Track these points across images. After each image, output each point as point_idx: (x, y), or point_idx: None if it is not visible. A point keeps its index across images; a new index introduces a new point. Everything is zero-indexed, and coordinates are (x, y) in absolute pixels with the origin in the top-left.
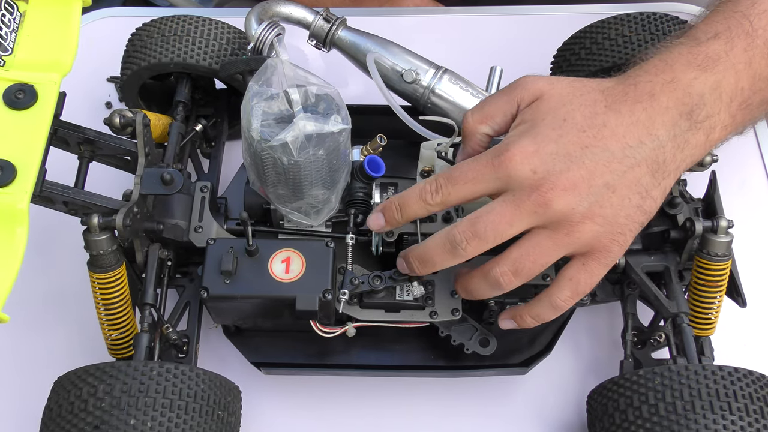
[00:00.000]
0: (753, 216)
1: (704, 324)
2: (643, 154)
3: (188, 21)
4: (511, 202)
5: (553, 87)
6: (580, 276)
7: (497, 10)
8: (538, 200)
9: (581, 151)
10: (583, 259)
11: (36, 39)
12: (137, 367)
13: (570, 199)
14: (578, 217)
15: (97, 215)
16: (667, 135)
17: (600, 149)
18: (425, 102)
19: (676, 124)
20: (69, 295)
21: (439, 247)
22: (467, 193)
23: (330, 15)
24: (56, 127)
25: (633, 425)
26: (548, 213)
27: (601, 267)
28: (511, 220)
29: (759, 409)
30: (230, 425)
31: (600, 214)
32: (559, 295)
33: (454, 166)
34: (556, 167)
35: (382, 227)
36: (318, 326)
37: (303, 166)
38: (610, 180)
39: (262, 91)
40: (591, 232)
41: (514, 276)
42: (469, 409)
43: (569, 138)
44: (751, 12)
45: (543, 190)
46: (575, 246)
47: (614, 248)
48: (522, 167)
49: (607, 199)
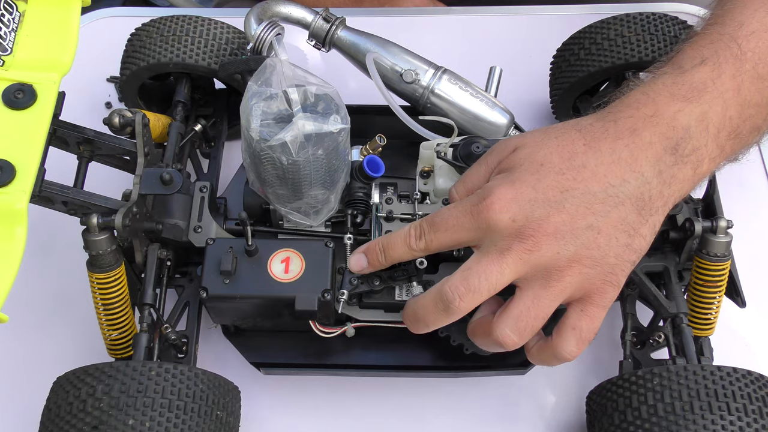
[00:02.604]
0: (752, 216)
1: (703, 324)
2: (627, 193)
3: (188, 21)
4: (496, 253)
5: (527, 136)
6: (581, 323)
7: (497, 10)
8: (520, 248)
9: (561, 195)
10: (581, 305)
11: (35, 39)
12: (136, 367)
13: (553, 244)
14: (565, 261)
15: (96, 215)
16: (652, 171)
17: (580, 191)
18: (425, 102)
19: (660, 159)
20: (68, 295)
21: (431, 306)
22: (448, 241)
23: (329, 15)
24: (55, 127)
25: (632, 426)
26: (533, 260)
27: (600, 310)
28: (501, 271)
29: (758, 409)
30: (229, 425)
31: (587, 256)
32: (564, 346)
33: (436, 212)
34: (535, 213)
35: (364, 269)
36: (317, 326)
37: (302, 165)
38: (594, 222)
39: (261, 90)
40: (581, 275)
41: (517, 337)
42: (469, 409)
43: (547, 182)
44: (739, 34)
45: (523, 238)
46: (569, 291)
47: (609, 289)
48: (501, 216)
49: (593, 241)
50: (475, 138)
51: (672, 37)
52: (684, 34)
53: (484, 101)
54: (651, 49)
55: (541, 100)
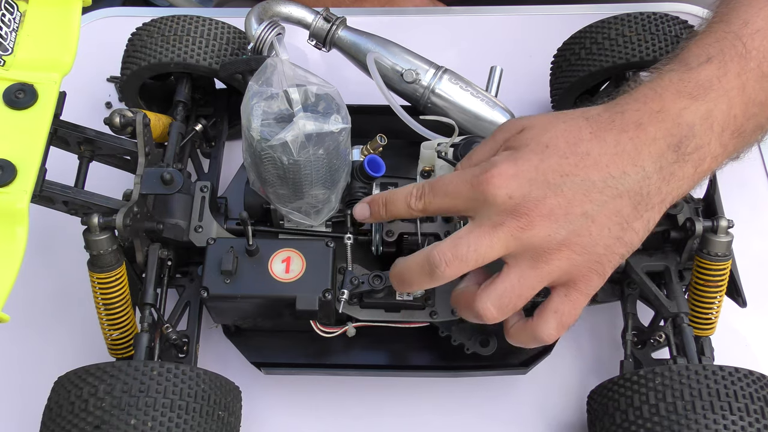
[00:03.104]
0: (753, 216)
1: (704, 324)
2: (626, 186)
3: (188, 21)
4: (489, 226)
5: (536, 118)
6: (564, 307)
7: (497, 10)
8: (513, 225)
9: (561, 179)
10: (565, 290)
11: (36, 39)
12: (138, 366)
13: (546, 226)
14: (555, 245)
15: (97, 215)
16: (654, 167)
17: (580, 178)
18: (425, 102)
19: (662, 155)
20: (69, 295)
21: (417, 268)
22: (446, 206)
23: (330, 15)
24: (56, 127)
25: (633, 425)
26: (524, 238)
27: (583, 297)
28: (491, 244)
29: (759, 409)
30: (230, 425)
31: (578, 243)
32: (543, 328)
33: (439, 177)
34: (533, 194)
35: (366, 219)
36: (318, 326)
37: (303, 165)
38: (590, 209)
39: (262, 90)
40: (569, 261)
41: (497, 311)
42: (469, 409)
43: (549, 164)
44: (744, 32)
45: (518, 215)
46: (555, 275)
47: (594, 278)
48: (499, 191)
49: (585, 229)
50: (475, 138)
51: (673, 36)
52: (685, 34)
53: (485, 101)
54: (652, 48)
55: (541, 99)
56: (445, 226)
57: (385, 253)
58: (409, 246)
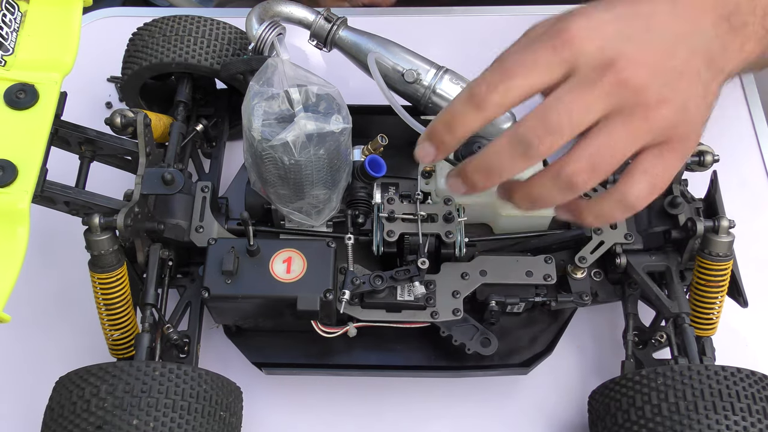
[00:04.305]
0: (754, 216)
1: (705, 324)
2: (697, 45)
3: (189, 21)
4: (583, 85)
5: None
6: (656, 168)
7: (498, 10)
8: (612, 79)
9: (645, 33)
10: (658, 150)
11: (37, 39)
12: (140, 367)
13: (646, 77)
14: (654, 98)
15: (98, 215)
16: (713, 32)
17: (660, 32)
18: (426, 102)
19: (717, 24)
20: (70, 295)
21: (506, 150)
22: (527, 84)
23: (331, 15)
24: (57, 127)
25: (635, 425)
26: (625, 93)
27: (678, 159)
28: (588, 105)
29: (762, 409)
30: (232, 426)
31: (673, 99)
32: (632, 189)
33: (501, 57)
34: (624, 46)
35: (435, 156)
36: (319, 326)
37: (304, 165)
38: (678, 64)
39: (263, 90)
40: (667, 119)
41: (591, 173)
42: (470, 410)
43: (626, 21)
44: None
45: (618, 68)
46: (653, 134)
47: (692, 137)
48: (589, 45)
49: (677, 84)
50: (476, 138)
51: None
52: None
53: None
54: None
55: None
56: (446, 226)
57: (386, 253)
58: (410, 246)
